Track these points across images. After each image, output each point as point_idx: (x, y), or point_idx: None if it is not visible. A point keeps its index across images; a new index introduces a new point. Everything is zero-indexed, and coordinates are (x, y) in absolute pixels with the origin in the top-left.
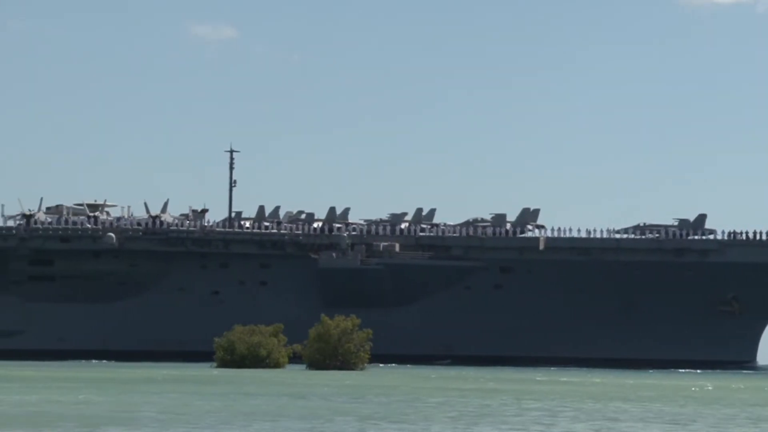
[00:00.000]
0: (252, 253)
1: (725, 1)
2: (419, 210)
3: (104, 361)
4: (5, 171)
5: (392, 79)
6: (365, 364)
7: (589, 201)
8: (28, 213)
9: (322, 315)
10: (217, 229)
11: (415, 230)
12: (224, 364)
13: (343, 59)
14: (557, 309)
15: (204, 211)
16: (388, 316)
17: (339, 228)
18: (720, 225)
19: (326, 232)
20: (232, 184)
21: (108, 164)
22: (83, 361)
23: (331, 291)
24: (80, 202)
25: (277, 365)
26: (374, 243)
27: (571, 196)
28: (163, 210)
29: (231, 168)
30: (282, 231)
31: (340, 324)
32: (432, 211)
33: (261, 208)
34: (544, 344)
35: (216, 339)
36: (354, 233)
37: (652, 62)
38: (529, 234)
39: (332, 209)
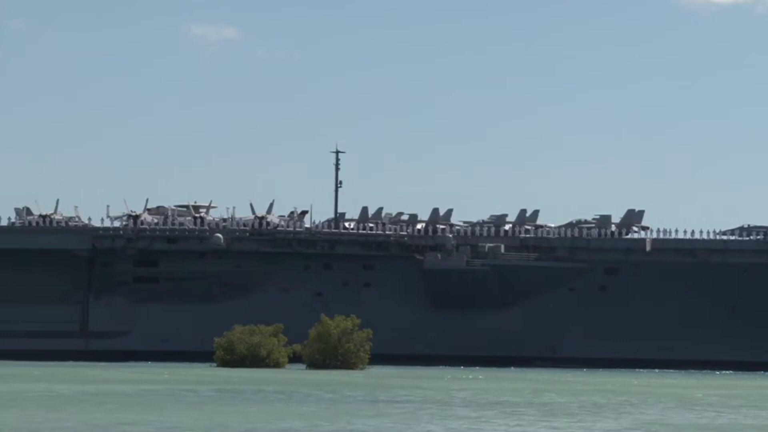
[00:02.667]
0: (356, 254)
1: (724, 2)
2: (523, 211)
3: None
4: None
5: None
6: (365, 364)
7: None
8: (134, 214)
9: (322, 315)
10: (324, 230)
11: (519, 231)
12: (224, 363)
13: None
14: (662, 311)
15: (304, 212)
16: (492, 317)
17: (443, 229)
18: None
19: (430, 233)
20: (337, 185)
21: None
22: (187, 362)
23: (436, 292)
24: (181, 204)
25: (277, 365)
26: (479, 244)
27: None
28: (269, 211)
29: (336, 169)
30: (387, 232)
31: (340, 324)
32: (535, 212)
33: (364, 209)
34: (648, 346)
35: (216, 339)
36: (458, 234)
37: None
38: (635, 235)
39: (435, 210)
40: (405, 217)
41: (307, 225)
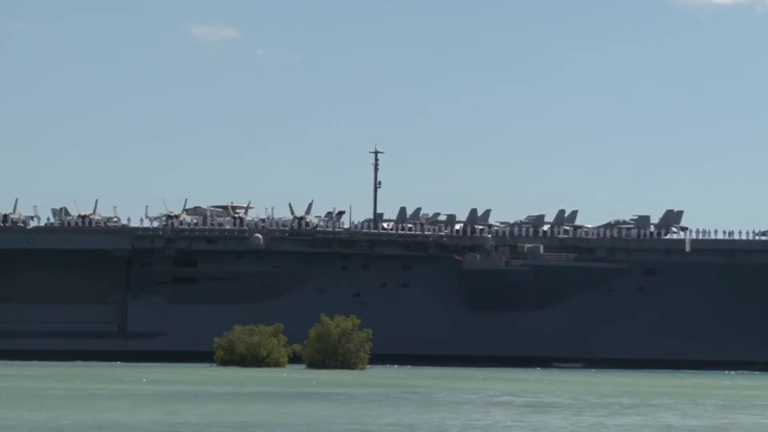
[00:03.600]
0: (394, 255)
1: (724, 2)
2: (561, 211)
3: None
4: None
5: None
6: (365, 364)
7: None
8: (172, 214)
9: (322, 315)
10: (363, 230)
11: (557, 232)
12: (224, 363)
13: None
14: (701, 311)
15: (341, 212)
16: (530, 318)
17: (481, 230)
18: None
19: (468, 233)
20: (376, 185)
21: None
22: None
23: (475, 292)
24: (218, 204)
25: (277, 365)
26: (518, 245)
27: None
28: (308, 211)
29: (376, 169)
30: (426, 233)
31: (340, 324)
32: (574, 213)
33: (402, 210)
34: (687, 347)
35: (216, 339)
36: (496, 235)
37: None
38: (673, 236)
39: (473, 211)
40: (443, 218)
41: (344, 225)
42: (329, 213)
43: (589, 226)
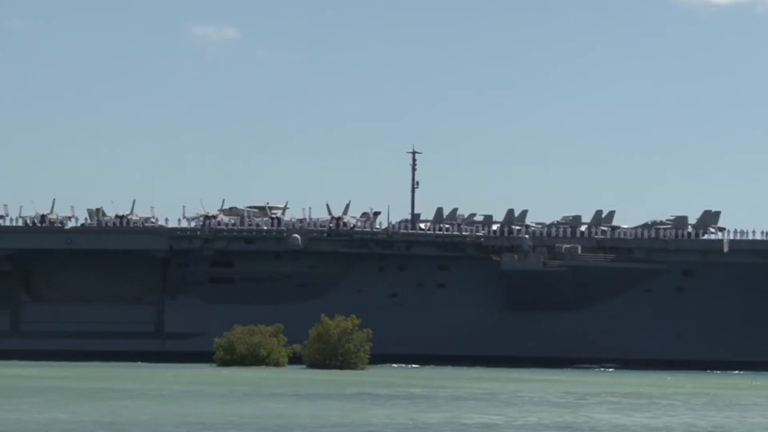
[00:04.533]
0: (431, 255)
1: (724, 2)
2: (599, 212)
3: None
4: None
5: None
6: (365, 364)
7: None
8: (209, 214)
9: (322, 315)
10: (401, 231)
11: (595, 232)
12: (224, 364)
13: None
14: (739, 312)
15: (377, 213)
16: (567, 319)
17: (518, 230)
18: None
19: (505, 234)
20: (414, 185)
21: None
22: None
23: (512, 293)
24: (254, 205)
25: (277, 365)
26: (556, 245)
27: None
28: (345, 211)
29: (413, 169)
30: (464, 233)
31: (340, 324)
32: (611, 213)
33: (439, 210)
34: (725, 348)
35: (216, 339)
36: (534, 235)
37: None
38: (711, 236)
39: (510, 211)
40: (479, 218)
41: (381, 226)
42: (365, 213)
43: (626, 226)
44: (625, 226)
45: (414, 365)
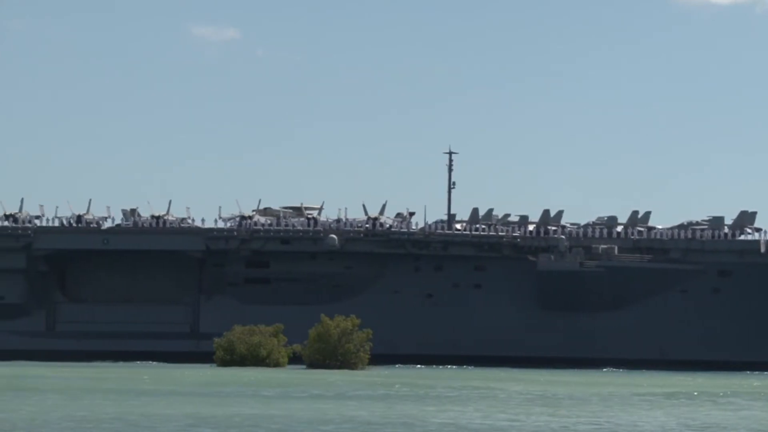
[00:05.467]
0: (467, 255)
1: (724, 3)
2: (635, 212)
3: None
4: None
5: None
6: (365, 364)
7: None
8: (246, 215)
9: (322, 315)
10: (438, 231)
11: (631, 233)
12: (224, 364)
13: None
14: None
15: (411, 213)
16: (603, 319)
17: (554, 230)
18: None
19: (542, 234)
20: (450, 185)
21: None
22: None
23: (549, 293)
24: (288, 205)
25: (277, 365)
26: (592, 245)
27: None
28: (382, 212)
29: (450, 170)
30: (500, 233)
31: (340, 324)
32: (647, 214)
33: (475, 210)
34: (761, 348)
35: (216, 339)
36: (570, 236)
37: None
38: (748, 237)
39: (546, 212)
40: (515, 219)
41: (414, 226)
42: (399, 214)
43: (661, 227)
44: (660, 227)
45: (418, 365)
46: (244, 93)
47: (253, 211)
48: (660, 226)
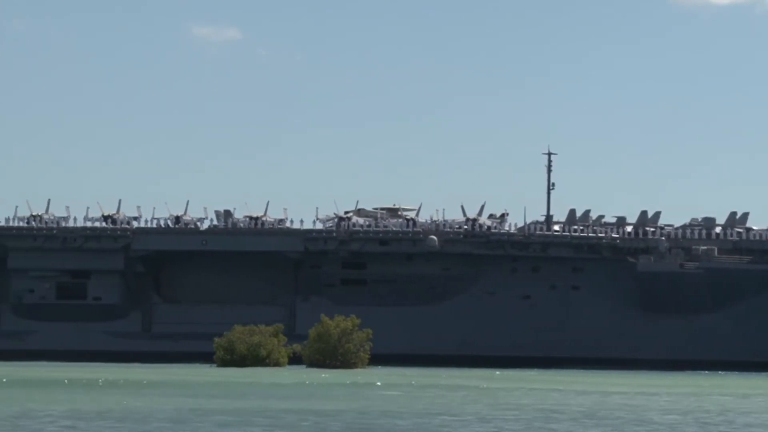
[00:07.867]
0: (565, 257)
1: (723, 3)
2: (733, 213)
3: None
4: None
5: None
6: (365, 364)
7: None
8: (343, 216)
9: (322, 315)
10: (537, 232)
11: (730, 234)
12: (224, 363)
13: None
14: None
15: (504, 214)
16: (702, 321)
17: (653, 232)
18: None
19: (640, 235)
20: (549, 186)
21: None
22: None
23: (648, 295)
24: (382, 206)
25: (277, 365)
26: (692, 247)
27: None
28: (480, 213)
29: (549, 170)
30: (599, 234)
31: (340, 324)
32: (745, 215)
33: (572, 212)
34: None
35: (216, 339)
36: (668, 237)
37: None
38: None
39: (644, 213)
40: (611, 220)
41: (509, 227)
42: (491, 215)
43: (756, 228)
44: (756, 228)
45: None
46: (246, 93)
47: (350, 212)
48: (756, 228)
